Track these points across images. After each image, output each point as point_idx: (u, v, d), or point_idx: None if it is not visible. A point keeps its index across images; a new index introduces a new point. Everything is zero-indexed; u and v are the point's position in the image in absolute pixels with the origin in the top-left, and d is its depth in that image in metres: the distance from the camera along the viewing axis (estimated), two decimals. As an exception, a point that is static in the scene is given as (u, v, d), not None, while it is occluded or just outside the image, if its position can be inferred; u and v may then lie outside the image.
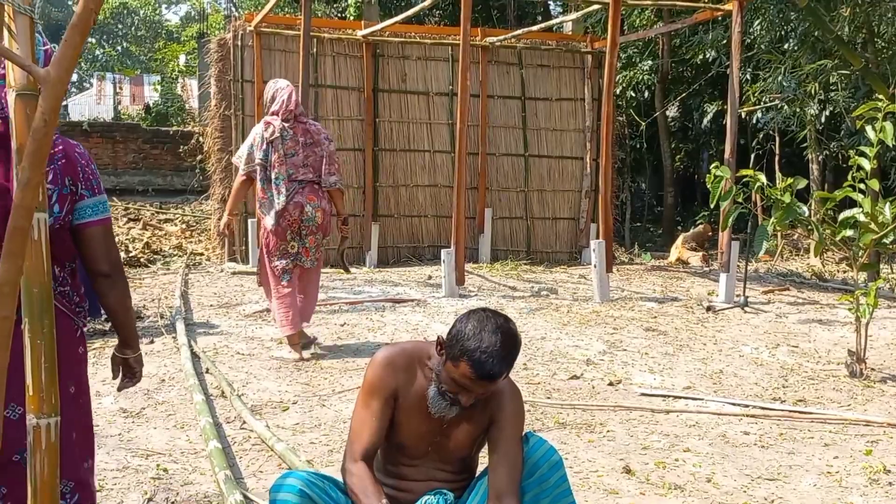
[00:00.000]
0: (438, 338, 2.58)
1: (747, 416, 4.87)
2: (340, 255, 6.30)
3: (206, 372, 5.51)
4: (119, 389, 2.71)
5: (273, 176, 5.64)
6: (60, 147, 2.32)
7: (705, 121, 17.50)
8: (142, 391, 5.07)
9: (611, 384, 5.50)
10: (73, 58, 1.31)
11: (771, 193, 5.76)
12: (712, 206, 6.61)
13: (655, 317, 7.66)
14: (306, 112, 6.00)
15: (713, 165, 6.04)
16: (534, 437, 2.70)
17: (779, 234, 12.55)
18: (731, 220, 6.78)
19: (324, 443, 4.31)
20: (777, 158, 15.34)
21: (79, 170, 2.34)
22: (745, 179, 6.10)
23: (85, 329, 2.50)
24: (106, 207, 2.43)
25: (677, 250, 12.52)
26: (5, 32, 1.52)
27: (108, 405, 4.82)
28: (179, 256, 10.83)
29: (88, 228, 2.36)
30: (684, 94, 16.99)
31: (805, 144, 14.07)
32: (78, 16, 1.31)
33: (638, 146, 17.98)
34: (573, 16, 12.56)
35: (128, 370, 2.66)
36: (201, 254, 11.38)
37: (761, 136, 16.43)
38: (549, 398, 5.13)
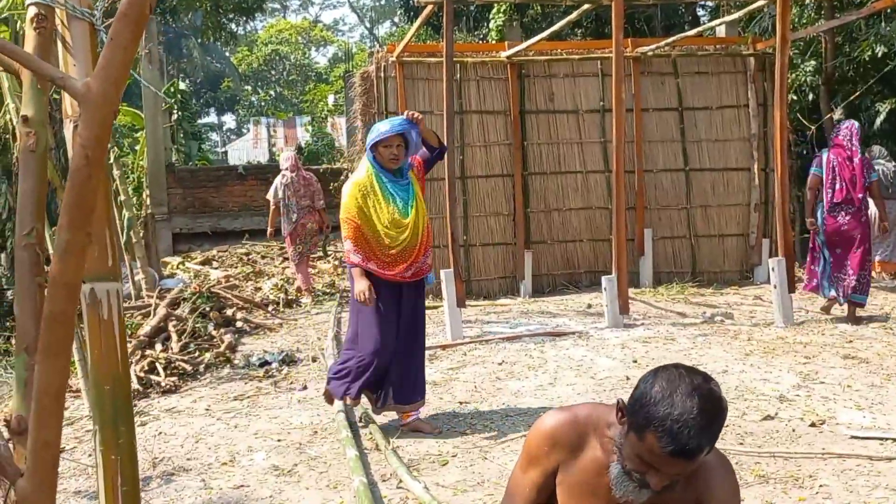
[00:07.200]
0: (618, 402, 2.07)
1: None
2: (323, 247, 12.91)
3: (361, 421, 5.17)
4: None
5: (287, 203, 10.07)
6: None
7: (878, 121, 16.01)
8: (293, 445, 4.77)
9: (812, 425, 4.77)
10: (124, 63, 0.89)
11: None
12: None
13: (851, 341, 6.79)
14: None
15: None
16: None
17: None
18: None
19: (489, 504, 3.85)
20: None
21: None
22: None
23: None
24: None
25: (857, 263, 11.32)
26: (59, 45, 1.14)
27: (260, 461, 4.53)
28: (332, 294, 10.63)
29: None
30: (858, 94, 15.59)
31: None
32: (129, 2, 0.90)
33: (805, 153, 16.66)
34: (727, 18, 11.72)
35: None
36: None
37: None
38: (741, 444, 4.47)
